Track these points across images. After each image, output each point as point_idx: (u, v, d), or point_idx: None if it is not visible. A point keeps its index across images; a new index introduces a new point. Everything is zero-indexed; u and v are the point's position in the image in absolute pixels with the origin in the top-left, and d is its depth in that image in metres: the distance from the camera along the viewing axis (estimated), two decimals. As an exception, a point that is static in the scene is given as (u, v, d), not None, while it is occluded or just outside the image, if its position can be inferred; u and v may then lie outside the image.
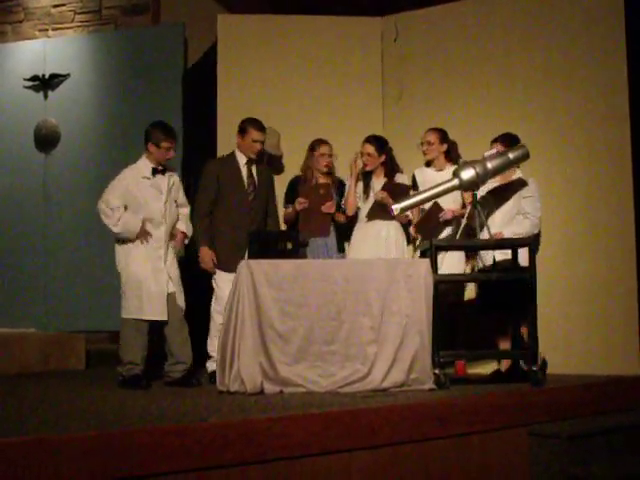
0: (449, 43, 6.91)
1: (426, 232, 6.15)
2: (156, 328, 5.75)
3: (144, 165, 5.79)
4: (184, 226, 5.96)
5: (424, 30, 7.03)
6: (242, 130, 6.20)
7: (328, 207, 6.37)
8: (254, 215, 6.15)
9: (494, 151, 5.70)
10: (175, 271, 5.82)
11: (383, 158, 6.38)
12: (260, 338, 5.09)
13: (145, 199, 5.73)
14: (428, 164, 6.38)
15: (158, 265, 5.71)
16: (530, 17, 6.60)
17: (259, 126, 6.17)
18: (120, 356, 5.68)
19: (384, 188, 6.27)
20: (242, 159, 6.20)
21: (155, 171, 5.78)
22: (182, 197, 6.00)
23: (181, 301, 5.79)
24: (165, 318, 5.69)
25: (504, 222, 5.91)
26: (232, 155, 6.25)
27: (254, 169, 6.23)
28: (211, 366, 5.96)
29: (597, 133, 6.25)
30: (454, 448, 4.45)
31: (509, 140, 5.89)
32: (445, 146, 6.27)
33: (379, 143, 6.38)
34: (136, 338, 5.65)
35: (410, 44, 7.07)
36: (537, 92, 6.50)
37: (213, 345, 5.94)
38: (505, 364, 6.00)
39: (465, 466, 4.49)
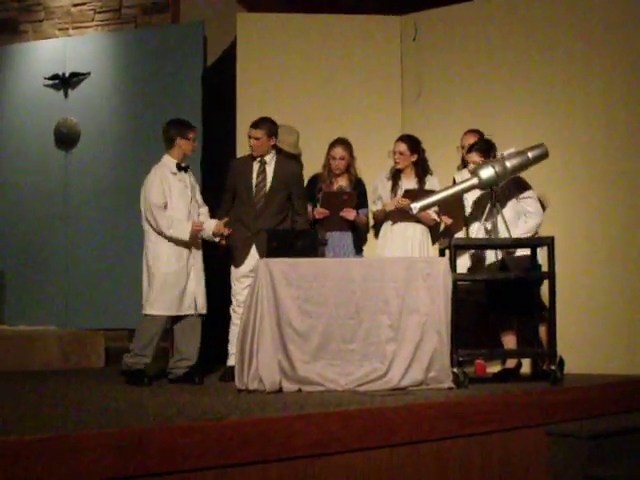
0: (468, 42, 6.89)
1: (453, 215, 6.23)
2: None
3: (169, 162, 5.87)
4: (211, 221, 5.98)
5: (443, 29, 7.02)
6: None
7: (348, 213, 6.34)
8: (260, 211, 6.07)
9: (512, 150, 5.66)
10: (199, 268, 5.87)
11: (415, 158, 6.36)
12: (279, 336, 5.10)
13: (175, 195, 5.81)
14: (465, 165, 6.29)
15: (183, 262, 5.77)
16: (549, 13, 6.56)
17: (251, 123, 6.13)
18: (131, 346, 5.78)
19: (404, 196, 6.24)
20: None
21: (179, 167, 5.86)
22: (200, 197, 6.07)
23: (201, 298, 5.83)
24: (192, 312, 5.77)
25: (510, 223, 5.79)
26: (251, 154, 6.24)
27: (269, 166, 6.14)
28: (230, 361, 5.96)
29: (621, 135, 6.22)
30: (473, 447, 4.44)
31: (484, 146, 5.79)
32: None
33: (412, 142, 6.36)
34: (156, 334, 5.73)
35: (429, 43, 7.06)
36: (558, 88, 6.47)
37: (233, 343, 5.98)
38: (511, 361, 5.94)
39: (484, 465, 4.48)
